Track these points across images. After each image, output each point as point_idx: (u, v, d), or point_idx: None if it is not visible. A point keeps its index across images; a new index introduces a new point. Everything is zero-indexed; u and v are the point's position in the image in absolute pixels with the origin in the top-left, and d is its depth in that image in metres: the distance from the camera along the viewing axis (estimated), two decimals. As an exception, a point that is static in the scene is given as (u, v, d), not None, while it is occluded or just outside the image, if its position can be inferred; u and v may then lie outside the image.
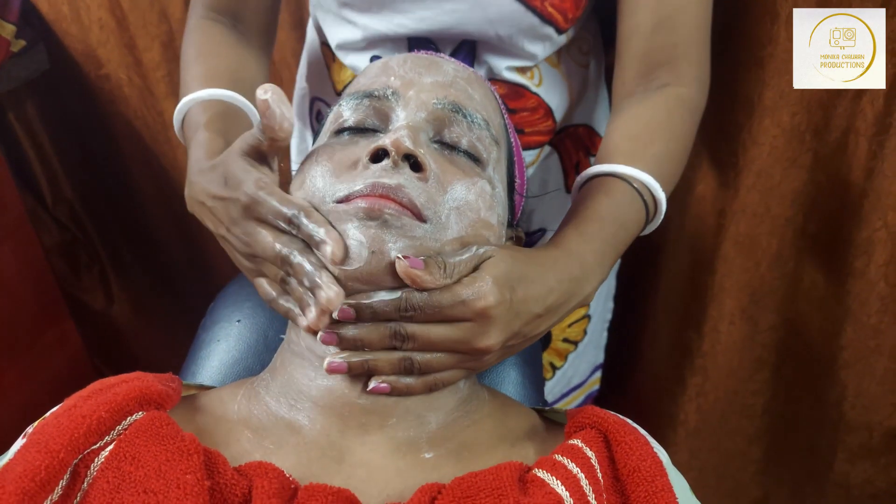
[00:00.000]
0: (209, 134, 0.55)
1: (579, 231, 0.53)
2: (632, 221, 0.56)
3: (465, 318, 0.43)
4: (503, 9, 0.63)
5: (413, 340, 0.43)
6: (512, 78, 0.70)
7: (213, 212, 0.49)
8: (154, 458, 0.38)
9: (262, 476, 0.39)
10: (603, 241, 0.53)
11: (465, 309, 0.43)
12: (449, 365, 0.45)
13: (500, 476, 0.39)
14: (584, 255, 0.51)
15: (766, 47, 0.71)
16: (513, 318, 0.45)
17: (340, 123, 0.51)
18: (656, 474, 0.41)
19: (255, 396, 0.46)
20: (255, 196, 0.45)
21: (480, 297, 0.43)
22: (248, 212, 0.45)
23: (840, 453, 0.91)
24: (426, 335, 0.43)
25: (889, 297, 0.78)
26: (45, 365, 1.14)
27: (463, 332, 0.43)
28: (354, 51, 0.71)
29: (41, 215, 1.23)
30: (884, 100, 0.69)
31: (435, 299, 0.42)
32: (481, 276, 0.43)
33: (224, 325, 0.63)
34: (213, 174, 0.49)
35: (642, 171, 0.56)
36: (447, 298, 0.42)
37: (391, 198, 0.43)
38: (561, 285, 0.48)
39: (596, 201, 0.55)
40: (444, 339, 0.43)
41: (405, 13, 0.65)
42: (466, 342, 0.44)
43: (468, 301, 0.43)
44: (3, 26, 1.00)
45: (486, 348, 0.44)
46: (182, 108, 0.60)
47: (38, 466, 0.36)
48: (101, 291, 1.32)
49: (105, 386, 0.43)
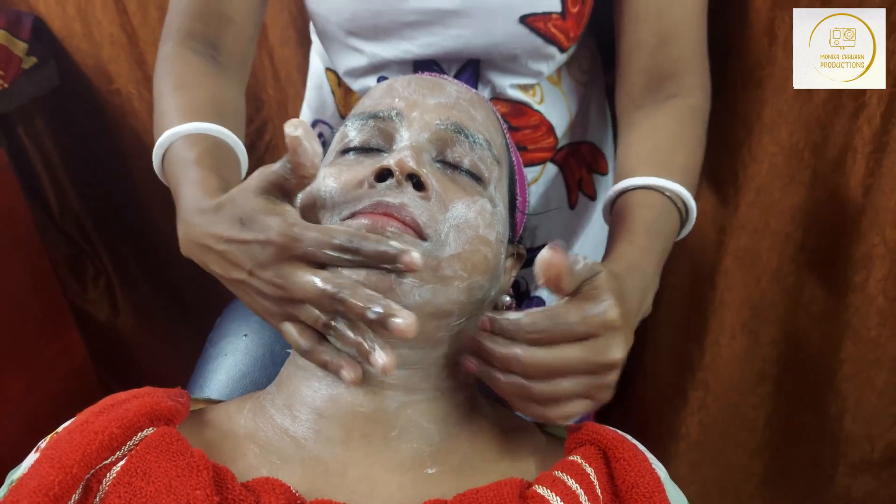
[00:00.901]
0: (203, 171, 0.51)
1: (635, 245, 0.54)
2: (672, 231, 0.58)
3: (593, 334, 0.42)
4: (507, 32, 0.64)
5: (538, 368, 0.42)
6: (515, 96, 0.71)
7: (224, 256, 0.45)
8: (164, 473, 0.39)
9: (270, 492, 0.39)
10: (656, 253, 0.55)
11: (593, 323, 0.42)
12: (577, 393, 0.43)
13: (500, 493, 0.40)
14: (644, 268, 0.53)
15: (765, 67, 0.72)
16: (629, 329, 0.46)
17: (346, 143, 0.52)
18: (654, 490, 0.42)
19: (260, 410, 0.47)
20: (291, 233, 0.41)
21: (606, 310, 0.43)
22: (282, 252, 0.42)
23: (841, 467, 0.91)
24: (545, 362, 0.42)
25: (888, 311, 0.79)
26: (50, 376, 1.15)
27: (588, 351, 0.42)
28: (362, 76, 0.72)
29: (49, 228, 1.25)
30: (881, 118, 0.69)
31: (561, 318, 0.42)
32: (601, 292, 0.43)
33: (231, 340, 0.64)
34: (221, 215, 0.45)
35: (675, 182, 0.58)
36: (574, 315, 0.42)
37: (394, 216, 0.44)
38: (637, 297, 0.50)
39: (642, 214, 0.57)
40: (569, 361, 0.42)
41: (411, 40, 0.66)
42: (594, 361, 0.43)
43: (596, 315, 0.42)
44: (15, 44, 1.02)
45: (617, 361, 0.44)
46: (164, 143, 0.56)
47: (52, 481, 0.37)
48: (107, 303, 1.33)
49: (116, 402, 0.44)
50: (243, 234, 0.43)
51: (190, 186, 0.50)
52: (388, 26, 0.65)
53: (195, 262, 0.49)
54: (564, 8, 0.63)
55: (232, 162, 0.56)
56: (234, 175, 0.55)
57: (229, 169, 0.54)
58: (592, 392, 0.44)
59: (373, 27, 0.66)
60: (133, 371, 1.38)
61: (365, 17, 0.65)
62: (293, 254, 0.41)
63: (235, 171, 0.57)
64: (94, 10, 1.03)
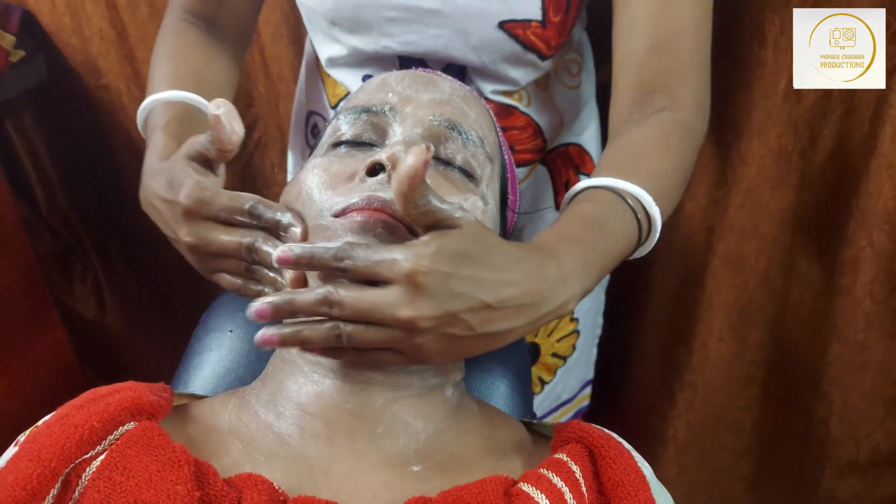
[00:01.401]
0: (165, 137, 0.56)
1: (559, 233, 0.48)
2: (620, 232, 0.51)
3: (393, 280, 0.39)
4: (485, 36, 0.64)
5: (341, 306, 0.40)
6: (499, 100, 0.71)
7: (162, 215, 0.51)
8: (145, 468, 0.38)
9: (252, 488, 0.39)
10: (586, 247, 0.48)
11: (395, 268, 0.39)
12: (379, 341, 0.41)
13: (485, 490, 0.40)
14: (562, 258, 0.45)
15: (755, 70, 0.72)
16: (448, 295, 0.39)
17: (338, 137, 0.52)
18: (639, 488, 0.42)
19: (245, 406, 0.47)
20: (200, 196, 0.47)
21: (413, 259, 0.39)
22: (190, 214, 0.47)
23: (828, 469, 0.91)
24: (354, 300, 0.39)
25: (875, 314, 0.79)
26: (36, 373, 1.14)
27: (388, 297, 0.39)
28: (344, 66, 0.72)
29: (36, 223, 1.24)
30: (868, 122, 0.70)
31: (371, 251, 0.40)
32: (425, 240, 0.40)
33: (216, 335, 0.64)
34: (162, 177, 0.50)
35: (634, 185, 0.52)
36: (382, 253, 0.39)
37: (386, 211, 0.44)
38: (529, 282, 0.42)
39: (581, 208, 0.52)
40: (370, 303, 0.39)
41: (391, 36, 0.66)
42: (390, 308, 0.39)
43: (399, 261, 0.39)
44: (3, 37, 1.01)
45: (409, 320, 0.39)
46: (145, 108, 0.61)
47: (30, 475, 0.36)
48: (94, 301, 1.32)
49: (97, 395, 0.43)
50: (168, 194, 0.49)
51: (152, 150, 0.55)
52: (369, 20, 0.66)
53: (184, 258, 0.52)
54: (545, 17, 0.63)
55: (203, 128, 0.54)
56: None
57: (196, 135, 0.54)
58: (402, 348, 0.41)
59: (353, 20, 0.66)
60: (120, 369, 1.36)
61: (346, 9, 0.66)
62: (203, 215, 0.47)
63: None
64: (83, 5, 1.02)
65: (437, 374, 0.48)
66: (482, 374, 0.62)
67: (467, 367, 0.54)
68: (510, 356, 0.65)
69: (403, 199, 0.39)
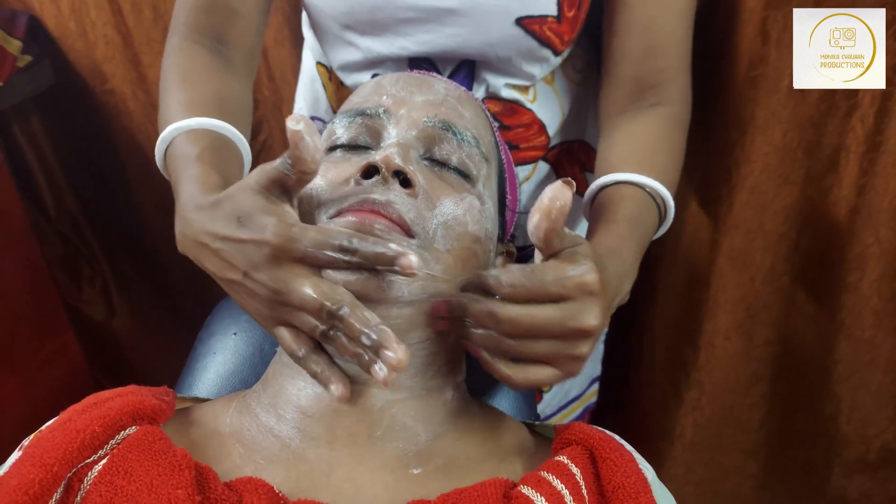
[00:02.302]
0: (203, 167, 0.50)
1: (614, 233, 0.55)
2: (651, 225, 0.59)
3: (568, 296, 0.42)
4: (503, 33, 0.64)
5: (506, 323, 0.41)
6: (509, 95, 0.71)
7: (219, 254, 0.44)
8: (146, 472, 0.38)
9: (252, 492, 0.39)
10: (635, 242, 0.55)
11: (570, 284, 0.41)
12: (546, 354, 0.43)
13: (484, 493, 0.40)
14: (623, 254, 0.53)
15: (758, 67, 0.71)
16: (608, 297, 0.46)
17: (333, 141, 0.52)
18: (640, 491, 0.41)
19: (246, 409, 0.47)
20: (289, 234, 0.40)
21: (585, 273, 0.42)
22: (278, 254, 0.41)
23: (837, 468, 0.90)
24: (520, 318, 0.41)
25: (882, 312, 0.78)
26: (45, 376, 1.15)
27: (565, 311, 0.41)
28: (357, 71, 0.72)
29: (44, 227, 1.25)
30: (874, 118, 0.69)
31: (537, 275, 0.41)
32: (580, 256, 0.43)
33: (220, 338, 0.64)
34: (219, 212, 0.44)
35: (653, 180, 0.59)
36: (550, 274, 0.41)
37: (380, 213, 0.44)
38: (615, 278, 0.50)
39: (622, 206, 0.58)
40: (543, 320, 0.41)
41: (406, 36, 0.66)
42: (570, 321, 0.42)
43: (573, 276, 0.41)
44: (10, 42, 1.02)
45: (592, 328, 0.42)
46: (166, 138, 0.54)
47: (32, 480, 0.37)
48: (103, 303, 1.33)
49: (100, 400, 0.43)
50: (239, 232, 0.42)
51: (189, 182, 0.49)
52: (385, 21, 0.65)
53: (191, 262, 0.48)
54: (560, 12, 0.64)
55: (234, 158, 0.55)
56: (235, 171, 0.55)
57: (231, 165, 0.54)
58: (561, 360, 0.43)
59: (369, 22, 0.66)
60: (128, 372, 1.37)
61: (361, 12, 0.65)
62: (290, 256, 0.40)
63: (237, 168, 0.56)
64: (87, 10, 1.03)
65: (437, 375, 0.48)
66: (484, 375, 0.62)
67: (470, 368, 0.54)
68: (513, 357, 0.65)
69: (554, 234, 0.41)
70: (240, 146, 0.57)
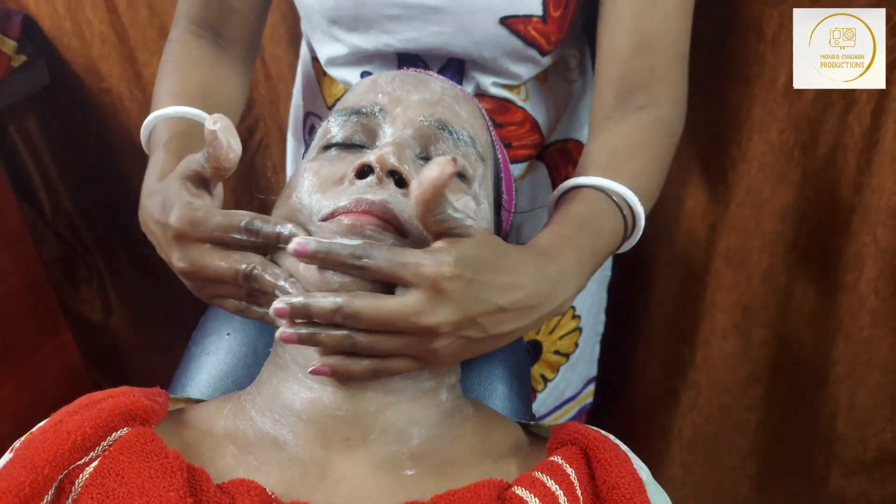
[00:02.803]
0: (165, 155, 0.53)
1: (557, 235, 0.51)
2: (609, 231, 0.54)
3: (414, 284, 0.40)
4: (487, 32, 0.64)
5: (356, 319, 0.40)
6: (499, 93, 0.71)
7: (156, 237, 0.49)
8: (138, 474, 0.38)
9: (245, 494, 0.39)
10: (581, 248, 0.50)
11: (419, 274, 0.39)
12: (395, 349, 0.41)
13: (478, 494, 0.40)
14: (561, 260, 0.48)
15: (753, 65, 0.71)
16: (469, 301, 0.41)
17: (328, 139, 0.52)
18: (635, 491, 0.41)
19: (241, 411, 0.47)
20: (192, 218, 0.44)
21: (437, 265, 0.39)
22: (182, 237, 0.45)
23: (834, 468, 0.90)
24: (372, 310, 0.40)
25: (880, 312, 0.78)
26: (42, 376, 1.15)
27: (410, 305, 0.40)
28: (344, 65, 0.72)
29: (40, 227, 1.24)
30: (870, 116, 0.69)
31: (393, 252, 0.40)
32: (446, 248, 0.40)
33: (214, 339, 0.64)
34: (157, 198, 0.48)
35: (620, 185, 0.55)
36: (405, 255, 0.40)
37: (374, 213, 0.44)
38: (535, 285, 0.45)
39: (573, 209, 0.54)
40: (390, 312, 0.40)
41: (392, 34, 0.66)
42: (414, 315, 0.40)
43: (424, 266, 0.39)
44: (5, 42, 1.02)
45: (433, 327, 0.40)
46: (148, 125, 0.59)
47: (23, 482, 0.36)
48: (100, 303, 1.33)
49: (91, 401, 0.43)
50: (161, 216, 0.47)
51: (151, 169, 0.53)
52: (370, 18, 0.65)
53: None
54: (546, 12, 0.63)
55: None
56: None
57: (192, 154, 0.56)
58: (417, 353, 0.42)
59: (354, 17, 0.66)
60: (125, 372, 1.37)
61: (346, 7, 0.65)
62: (195, 237, 0.45)
63: None
64: (83, 9, 1.03)
65: (431, 377, 0.47)
66: (480, 376, 0.62)
67: (465, 369, 0.53)
68: (508, 357, 0.64)
69: (424, 206, 0.39)
70: None
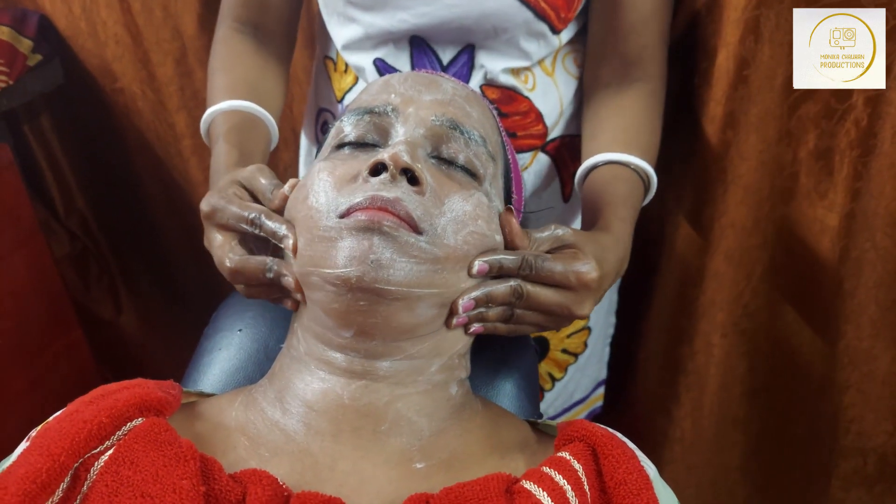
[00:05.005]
0: (226, 145, 0.63)
1: (618, 216, 0.61)
2: (639, 203, 0.66)
3: (570, 287, 0.51)
4: (500, 3, 0.66)
5: (526, 299, 0.50)
6: (507, 81, 0.72)
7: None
8: (152, 463, 0.39)
9: (256, 483, 0.40)
10: (628, 223, 0.61)
11: (574, 278, 0.50)
12: (537, 323, 0.53)
13: (487, 487, 0.40)
14: (624, 238, 0.59)
15: (750, 65, 0.71)
16: (601, 292, 0.54)
17: (341, 138, 0.52)
18: (642, 488, 0.42)
19: (252, 403, 0.47)
20: (216, 205, 0.52)
21: (588, 271, 0.51)
22: (208, 220, 0.54)
23: (835, 480, 0.89)
24: (537, 296, 0.50)
25: (880, 321, 0.76)
26: (53, 374, 1.16)
27: (566, 299, 0.51)
28: (359, 50, 0.74)
29: (53, 226, 1.26)
30: (867, 120, 0.68)
31: (549, 265, 0.50)
32: (584, 253, 0.52)
33: (226, 334, 0.64)
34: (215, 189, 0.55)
35: (639, 159, 0.66)
36: (560, 266, 0.50)
37: (389, 210, 0.44)
38: (615, 266, 0.57)
39: (619, 188, 0.64)
40: (550, 301, 0.51)
41: (406, 9, 0.68)
42: (567, 308, 0.51)
43: (579, 272, 0.50)
44: (21, 41, 1.03)
45: (583, 316, 0.53)
46: (206, 119, 0.68)
47: (40, 469, 0.37)
48: (111, 301, 1.34)
49: (107, 392, 0.44)
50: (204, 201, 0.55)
51: (216, 158, 0.63)
52: None
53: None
54: None
55: (259, 133, 0.68)
56: (258, 145, 0.67)
57: (254, 140, 0.66)
58: (545, 325, 0.54)
59: None
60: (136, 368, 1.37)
61: None
62: (215, 222, 0.53)
63: (261, 141, 0.68)
64: (98, 10, 1.04)
65: (441, 371, 0.48)
66: (488, 374, 0.62)
67: (473, 366, 0.54)
68: (517, 356, 0.65)
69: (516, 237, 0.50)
70: (265, 121, 0.70)
